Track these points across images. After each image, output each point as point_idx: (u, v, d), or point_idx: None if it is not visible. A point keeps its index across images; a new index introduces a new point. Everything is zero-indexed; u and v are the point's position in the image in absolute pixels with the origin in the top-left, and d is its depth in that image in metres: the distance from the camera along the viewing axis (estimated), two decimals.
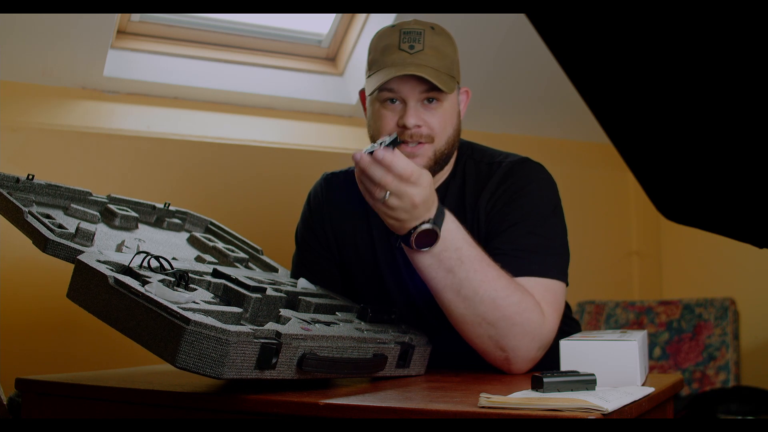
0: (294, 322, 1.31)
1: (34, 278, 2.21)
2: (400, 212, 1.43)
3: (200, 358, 1.13)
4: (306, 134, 2.78)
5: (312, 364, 1.25)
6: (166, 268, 1.35)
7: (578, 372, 1.22)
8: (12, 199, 1.43)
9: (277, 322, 1.32)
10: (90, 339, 2.23)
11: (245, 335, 1.16)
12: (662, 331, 2.96)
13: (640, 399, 1.20)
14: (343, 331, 1.38)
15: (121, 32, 2.54)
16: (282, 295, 1.44)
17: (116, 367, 1.77)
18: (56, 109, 2.39)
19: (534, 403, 1.10)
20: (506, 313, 1.50)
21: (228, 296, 1.38)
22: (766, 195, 1.27)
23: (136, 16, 2.54)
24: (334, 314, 1.51)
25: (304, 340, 1.25)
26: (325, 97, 2.79)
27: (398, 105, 1.63)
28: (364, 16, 2.74)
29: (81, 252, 1.33)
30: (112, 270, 1.26)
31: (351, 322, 1.48)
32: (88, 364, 2.23)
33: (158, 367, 1.68)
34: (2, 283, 2.18)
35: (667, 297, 3.29)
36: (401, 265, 1.70)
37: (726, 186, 1.29)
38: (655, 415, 1.35)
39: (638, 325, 3.00)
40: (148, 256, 1.35)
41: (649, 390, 1.26)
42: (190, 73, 2.60)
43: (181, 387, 1.34)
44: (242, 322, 1.29)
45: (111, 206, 1.63)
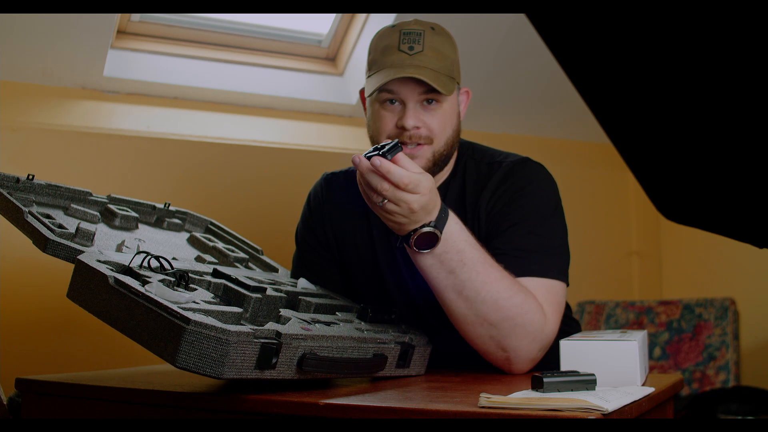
0: (294, 322, 1.31)
1: (34, 278, 2.21)
2: (397, 217, 1.43)
3: (200, 358, 1.13)
4: (306, 134, 2.78)
5: (312, 364, 1.25)
6: (166, 268, 1.35)
7: (578, 372, 1.22)
8: (12, 199, 1.43)
9: (277, 322, 1.32)
10: (90, 339, 2.23)
11: (245, 335, 1.16)
12: (662, 331, 2.96)
13: (640, 399, 1.20)
14: (343, 331, 1.38)
15: (121, 32, 2.54)
16: (282, 295, 1.44)
17: (116, 367, 1.77)
18: (56, 109, 2.39)
19: (534, 403, 1.10)
20: (509, 314, 1.50)
21: (228, 296, 1.37)
22: (766, 195, 1.27)
23: (136, 16, 2.54)
24: (334, 314, 1.51)
25: (304, 340, 1.25)
26: (325, 97, 2.79)
27: (397, 106, 1.63)
28: (364, 16, 2.74)
29: (81, 252, 1.33)
30: (112, 270, 1.26)
31: (351, 322, 1.48)
32: (88, 364, 2.23)
33: (158, 367, 1.67)
34: (2, 283, 2.18)
35: (667, 297, 3.29)
36: (401, 265, 1.70)
37: (726, 186, 1.29)
38: (655, 415, 1.35)
39: (638, 325, 3.00)
40: (148, 256, 1.35)
41: (649, 390, 1.26)
42: (190, 73, 2.60)
43: (181, 387, 1.34)
44: (242, 322, 1.29)
45: (111, 206, 1.63)
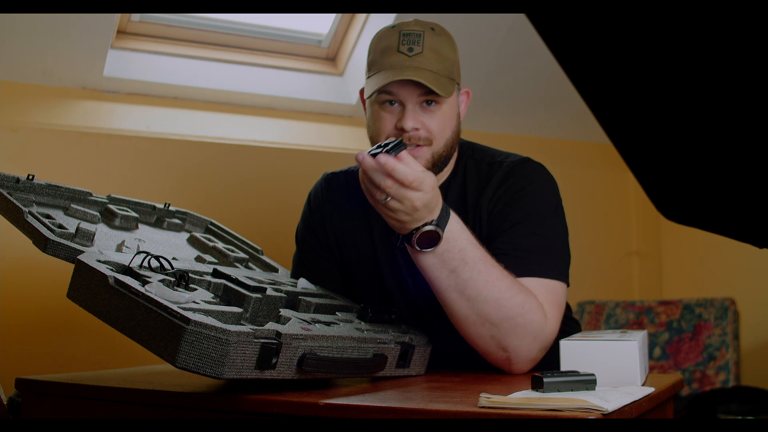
0: (294, 322, 1.31)
1: (34, 278, 2.21)
2: (400, 214, 1.43)
3: (200, 358, 1.13)
4: (306, 134, 2.78)
5: (312, 364, 1.25)
6: (166, 268, 1.35)
7: (578, 372, 1.22)
8: (12, 199, 1.43)
9: (277, 322, 1.32)
10: (90, 339, 2.23)
11: (245, 335, 1.16)
12: (662, 331, 2.96)
13: (640, 399, 1.20)
14: (343, 331, 1.38)
15: (121, 32, 2.54)
16: (282, 295, 1.44)
17: (116, 367, 1.77)
18: (56, 109, 2.39)
19: (534, 403, 1.10)
20: (510, 314, 1.50)
21: (228, 296, 1.37)
22: (766, 195, 1.27)
23: (136, 16, 2.53)
24: (334, 314, 1.51)
25: (304, 340, 1.25)
26: (325, 97, 2.79)
27: (397, 107, 1.63)
28: (364, 16, 2.74)
29: (81, 252, 1.33)
30: (112, 270, 1.26)
31: (351, 322, 1.48)
32: (88, 364, 2.23)
33: (158, 367, 1.67)
34: (2, 283, 2.18)
35: (667, 297, 3.29)
36: (402, 265, 1.70)
37: (726, 186, 1.29)
38: (655, 415, 1.35)
39: (638, 325, 3.00)
40: (148, 256, 1.35)
41: (649, 390, 1.26)
42: (190, 73, 2.60)
43: (181, 387, 1.34)
44: (242, 322, 1.29)
45: (111, 206, 1.63)
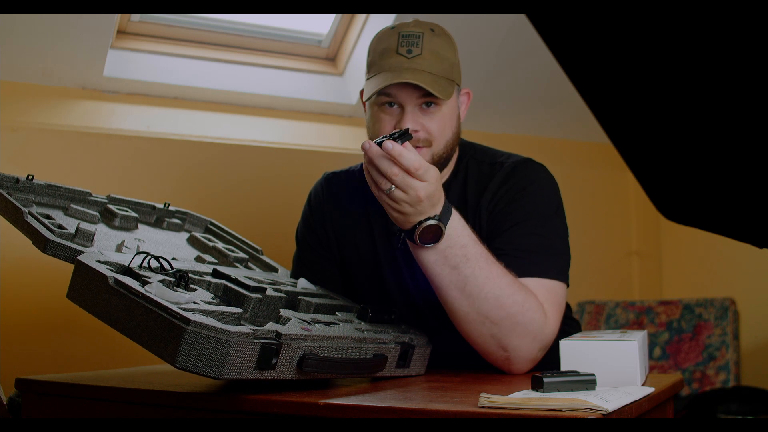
0: (294, 323, 1.31)
1: (34, 278, 2.21)
2: (404, 206, 1.42)
3: (200, 359, 1.13)
4: (306, 134, 2.78)
5: (312, 364, 1.25)
6: (166, 268, 1.35)
7: (578, 372, 1.22)
8: (12, 199, 1.43)
9: (277, 322, 1.32)
10: (90, 339, 2.23)
11: (245, 335, 1.16)
12: (662, 331, 2.96)
13: (640, 399, 1.20)
14: (343, 331, 1.38)
15: (121, 32, 2.54)
16: (282, 295, 1.44)
17: (116, 367, 1.77)
18: (56, 109, 2.39)
19: (534, 403, 1.10)
20: (510, 312, 1.50)
21: (228, 296, 1.37)
22: (766, 195, 1.27)
23: (136, 16, 2.53)
24: (334, 314, 1.51)
25: (304, 341, 1.25)
26: (325, 97, 2.79)
27: (396, 109, 1.62)
28: (364, 16, 2.74)
29: (81, 252, 1.33)
30: (112, 270, 1.26)
31: (351, 322, 1.48)
32: (88, 364, 2.23)
33: (158, 367, 1.67)
34: (2, 283, 2.18)
35: (667, 297, 3.29)
36: (402, 265, 1.70)
37: (726, 186, 1.29)
38: (655, 415, 1.35)
39: (638, 325, 3.00)
40: (148, 257, 1.35)
41: (649, 390, 1.26)
42: (190, 73, 2.60)
43: (181, 387, 1.34)
44: (242, 322, 1.29)
45: (111, 206, 1.63)
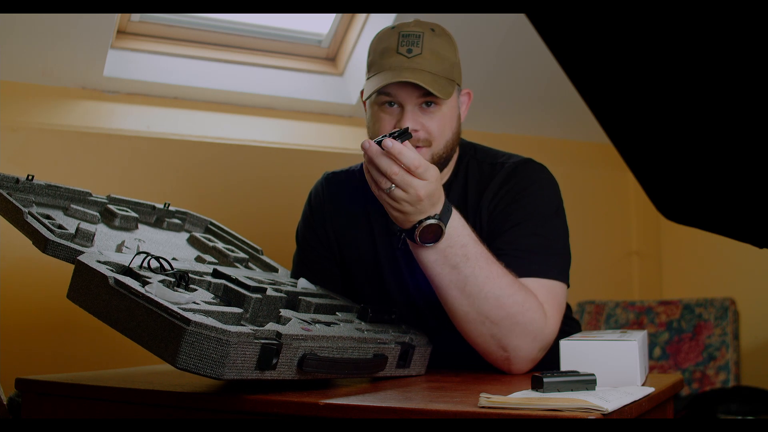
0: (294, 323, 1.31)
1: (34, 278, 2.21)
2: (404, 205, 1.42)
3: (201, 359, 1.13)
4: (306, 134, 2.78)
5: (312, 364, 1.25)
6: (166, 268, 1.35)
7: (578, 372, 1.22)
8: (12, 199, 1.43)
9: (277, 322, 1.32)
10: (90, 339, 2.23)
11: (246, 336, 1.16)
12: (662, 331, 2.96)
13: (640, 399, 1.20)
14: (344, 331, 1.38)
15: (121, 32, 2.54)
16: (282, 295, 1.44)
17: (116, 367, 1.77)
18: (56, 109, 2.39)
19: (534, 403, 1.10)
20: (510, 312, 1.50)
21: (228, 296, 1.37)
22: (766, 195, 1.27)
23: (136, 16, 2.53)
24: (335, 314, 1.51)
25: (305, 341, 1.25)
26: (325, 97, 2.79)
27: (396, 108, 1.62)
28: (364, 16, 2.74)
29: (81, 252, 1.33)
30: (112, 270, 1.26)
31: (351, 322, 1.48)
32: (88, 364, 2.23)
33: (158, 367, 1.67)
34: (2, 283, 2.18)
35: (667, 297, 3.29)
36: (402, 265, 1.70)
37: (726, 186, 1.29)
38: (655, 415, 1.35)
39: (638, 325, 3.00)
40: (148, 257, 1.35)
41: (649, 390, 1.26)
42: (190, 73, 2.60)
43: (181, 387, 1.34)
44: (242, 322, 1.29)
45: (111, 206, 1.63)
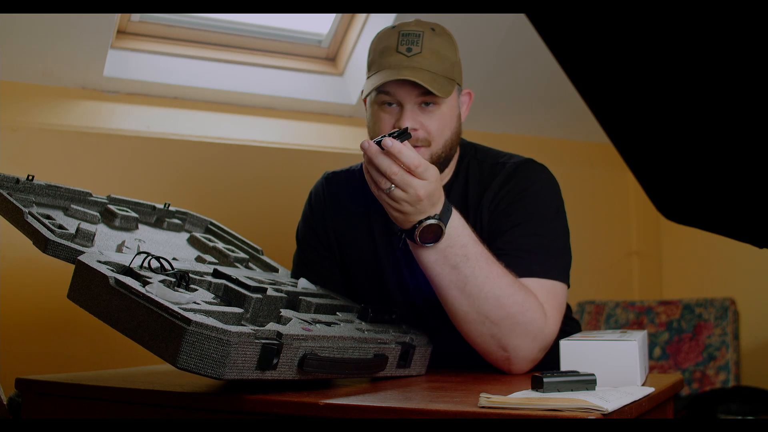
0: (295, 323, 1.31)
1: (34, 278, 2.21)
2: (404, 205, 1.42)
3: (201, 359, 1.13)
4: (306, 134, 2.78)
5: (313, 364, 1.25)
6: (166, 268, 1.35)
7: (578, 372, 1.22)
8: (12, 199, 1.43)
9: (277, 322, 1.32)
10: (90, 339, 2.23)
11: (246, 336, 1.16)
12: (662, 331, 2.96)
13: (640, 399, 1.20)
14: (344, 331, 1.38)
15: (121, 32, 2.54)
16: (282, 295, 1.44)
17: (116, 367, 1.77)
18: (56, 109, 2.39)
19: (534, 403, 1.10)
20: (510, 312, 1.50)
21: (229, 296, 1.37)
22: (766, 195, 1.27)
23: (136, 16, 2.53)
24: (335, 314, 1.51)
25: (305, 341, 1.25)
26: (325, 97, 2.79)
27: (396, 108, 1.62)
28: (364, 16, 2.74)
29: (81, 252, 1.33)
30: (112, 270, 1.26)
31: (352, 322, 1.48)
32: (88, 364, 2.23)
33: (158, 367, 1.68)
34: (2, 283, 2.18)
35: (667, 297, 3.29)
36: (402, 265, 1.70)
37: (726, 186, 1.29)
38: (655, 415, 1.35)
39: (638, 325, 3.00)
40: (149, 257, 1.35)
41: (649, 390, 1.26)
42: (190, 73, 2.60)
43: (181, 387, 1.34)
44: (243, 322, 1.29)
45: (111, 207, 1.63)
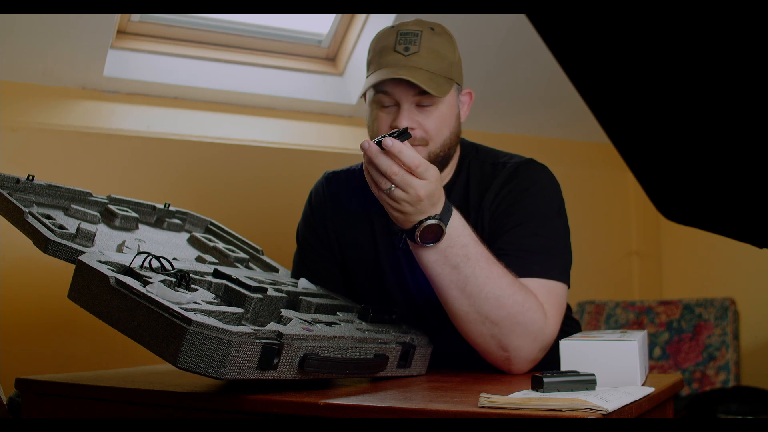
0: (295, 323, 1.31)
1: (34, 278, 2.21)
2: (404, 205, 1.42)
3: (202, 359, 1.13)
4: (306, 134, 2.78)
5: (313, 364, 1.25)
6: (167, 268, 1.35)
7: (578, 372, 1.23)
8: (12, 199, 1.43)
9: (278, 322, 1.32)
10: (90, 339, 2.23)
11: (247, 336, 1.16)
12: (662, 331, 2.96)
13: (640, 399, 1.20)
14: (345, 331, 1.38)
15: (121, 32, 2.54)
16: (283, 295, 1.44)
17: (116, 367, 1.77)
18: (56, 109, 2.39)
19: (534, 403, 1.10)
20: (510, 312, 1.50)
21: (229, 296, 1.37)
22: (766, 195, 1.27)
23: (136, 16, 2.54)
24: (335, 314, 1.51)
25: (306, 341, 1.25)
26: (325, 97, 2.79)
27: (394, 108, 1.62)
28: (364, 16, 2.74)
29: (82, 252, 1.33)
30: (113, 270, 1.26)
31: (352, 322, 1.48)
32: (88, 364, 2.23)
33: (158, 367, 1.68)
34: (2, 283, 2.18)
35: (667, 297, 3.29)
36: (403, 265, 1.70)
37: (726, 186, 1.29)
38: (655, 415, 1.35)
39: (638, 325, 3.00)
40: (149, 257, 1.35)
41: (649, 390, 1.26)
42: (190, 73, 2.60)
43: (181, 387, 1.34)
44: (243, 322, 1.29)
45: (111, 207, 1.63)
